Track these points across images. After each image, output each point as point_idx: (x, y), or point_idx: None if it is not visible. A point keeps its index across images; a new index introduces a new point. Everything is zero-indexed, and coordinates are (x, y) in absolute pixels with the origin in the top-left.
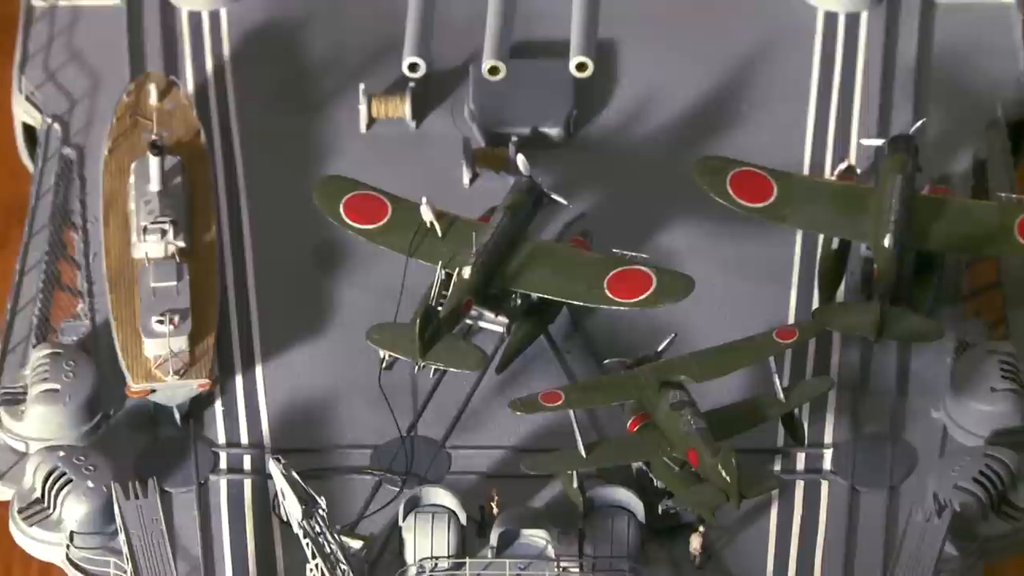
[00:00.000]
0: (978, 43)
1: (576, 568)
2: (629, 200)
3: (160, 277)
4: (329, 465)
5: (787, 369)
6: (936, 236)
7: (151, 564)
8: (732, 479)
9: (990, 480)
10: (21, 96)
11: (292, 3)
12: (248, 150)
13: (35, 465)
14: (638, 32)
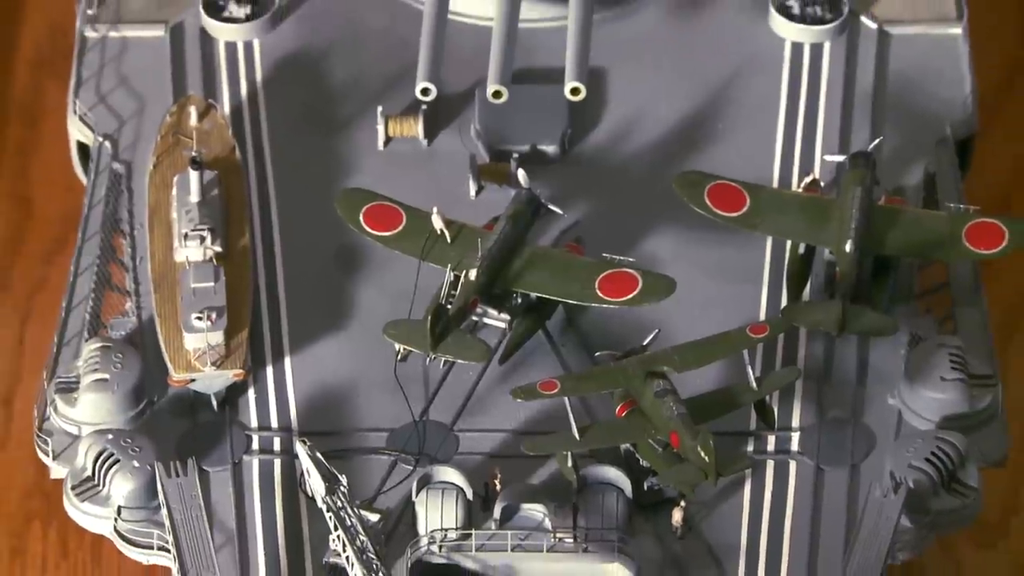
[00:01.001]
0: (929, 70)
1: (570, 539)
2: (618, 210)
3: (199, 278)
4: (350, 446)
5: (759, 361)
6: (892, 242)
7: (190, 536)
8: (710, 459)
9: (941, 460)
10: (76, 117)
11: (317, 34)
12: (278, 165)
13: (86, 447)
14: (626, 60)
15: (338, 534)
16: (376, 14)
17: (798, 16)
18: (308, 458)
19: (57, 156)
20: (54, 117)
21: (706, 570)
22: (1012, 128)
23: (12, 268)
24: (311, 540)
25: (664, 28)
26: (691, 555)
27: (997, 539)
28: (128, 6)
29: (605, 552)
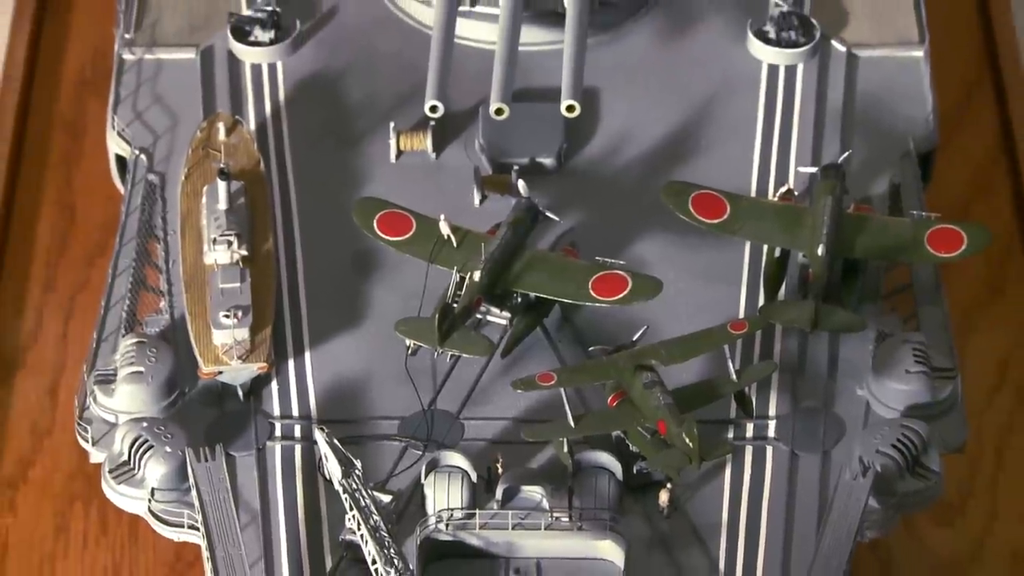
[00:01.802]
0: (893, 89)
1: (566, 518)
2: (609, 217)
3: (226, 280)
4: (364, 433)
5: (738, 355)
6: (860, 246)
7: (218, 515)
8: (694, 445)
9: (905, 446)
10: (114, 132)
11: (335, 57)
12: (299, 176)
13: (123, 434)
14: (617, 81)
15: (353, 514)
16: (388, 39)
17: (774, 40)
18: (326, 444)
19: (98, 168)
20: (95, 132)
21: (690, 547)
22: (969, 143)
23: (57, 270)
24: (329, 519)
25: (652, 52)
26: (677, 533)
27: (955, 518)
28: (162, 31)
29: (598, 530)
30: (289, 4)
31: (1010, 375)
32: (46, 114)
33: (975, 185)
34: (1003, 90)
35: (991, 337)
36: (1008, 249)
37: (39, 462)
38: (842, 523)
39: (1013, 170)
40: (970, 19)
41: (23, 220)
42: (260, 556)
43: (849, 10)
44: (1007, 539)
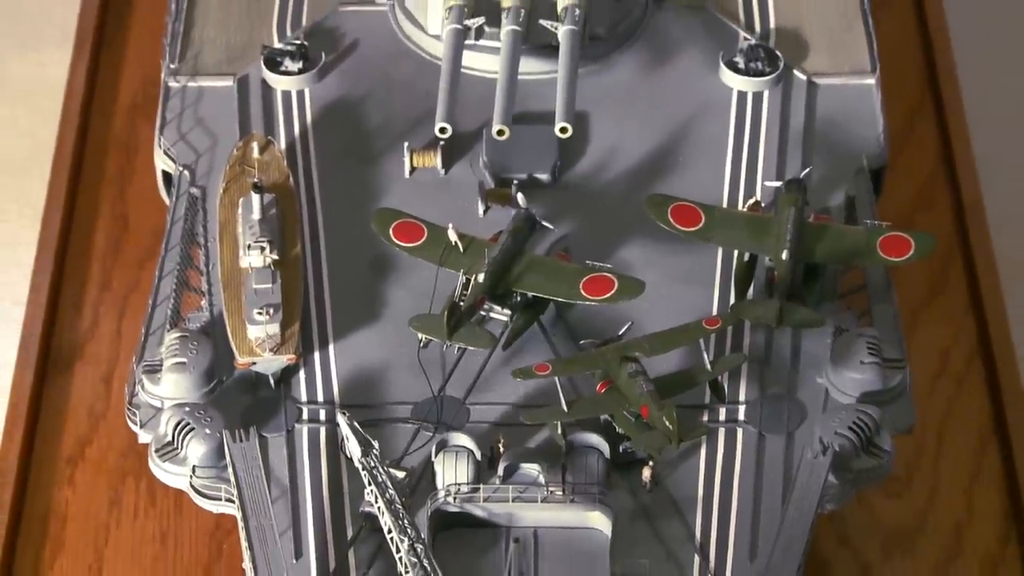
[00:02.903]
0: (848, 113)
1: (560, 491)
2: (598, 226)
3: (260, 281)
4: (381, 417)
5: (712, 347)
6: (819, 251)
7: (251, 489)
8: (673, 427)
9: (860, 428)
10: (161, 151)
11: (356, 85)
12: (324, 190)
13: (167, 417)
14: (604, 106)
15: (371, 488)
16: (403, 69)
17: (743, 70)
18: (347, 426)
19: (147, 183)
20: (145, 152)
21: (670, 518)
22: (914, 161)
23: (112, 273)
24: (350, 493)
25: (635, 80)
26: (658, 505)
27: (903, 491)
28: (203, 62)
29: (588, 502)
30: (315, 38)
31: (950, 365)
32: (102, 136)
33: (919, 198)
34: (943, 114)
35: (934, 332)
36: (949, 254)
37: (95, 442)
38: (804, 497)
39: (952, 185)
40: (915, 52)
41: (82, 229)
42: (289, 526)
43: (809, 43)
44: (948, 511)
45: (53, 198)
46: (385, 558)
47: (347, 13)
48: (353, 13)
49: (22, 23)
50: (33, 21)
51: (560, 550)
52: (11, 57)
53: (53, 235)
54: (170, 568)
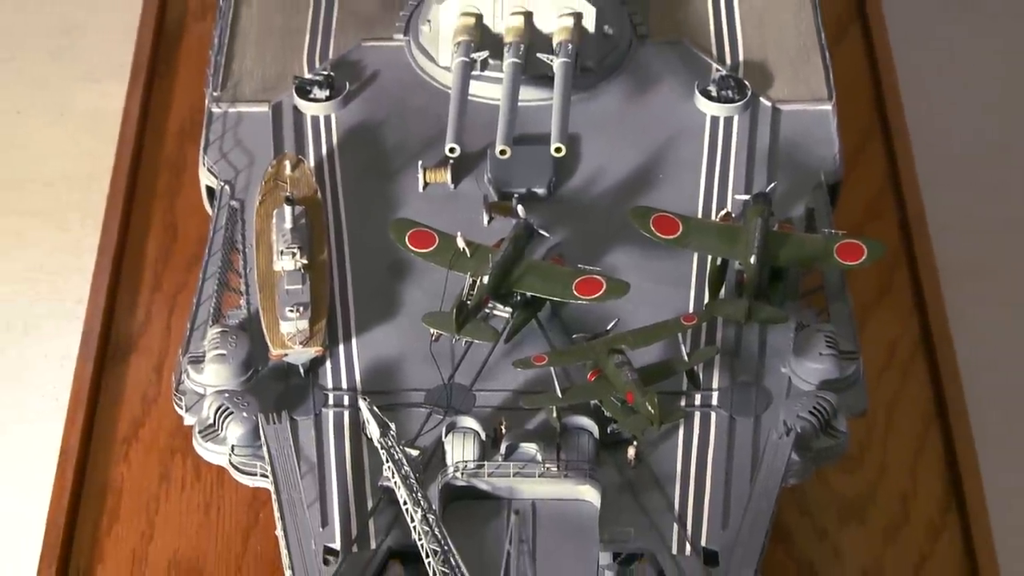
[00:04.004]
0: (808, 135)
1: (555, 468)
2: (589, 234)
3: (291, 282)
4: (397, 402)
5: (688, 341)
6: (783, 256)
7: (283, 466)
8: (654, 411)
9: (820, 412)
10: (205, 168)
11: (376, 111)
12: (348, 202)
13: (209, 403)
14: (594, 130)
15: (389, 465)
16: (417, 96)
17: (715, 97)
18: (367, 410)
19: (193, 197)
20: (191, 169)
21: (652, 491)
22: (865, 177)
23: (162, 276)
24: (370, 469)
25: (621, 107)
26: (641, 480)
27: (856, 467)
28: (242, 90)
29: (580, 477)
30: (341, 70)
31: (897, 357)
32: (154, 156)
33: (870, 210)
34: (890, 137)
35: (883, 327)
36: (895, 259)
37: (147, 423)
38: (770, 472)
39: (898, 199)
40: (865, 82)
41: (136, 238)
42: (316, 498)
43: (773, 74)
44: (895, 484)
45: (111, 210)
46: (400, 526)
47: (369, 48)
48: (374, 48)
49: (85, 59)
50: (94, 57)
51: (555, 520)
52: (75, 89)
53: (111, 243)
54: (213, 534)
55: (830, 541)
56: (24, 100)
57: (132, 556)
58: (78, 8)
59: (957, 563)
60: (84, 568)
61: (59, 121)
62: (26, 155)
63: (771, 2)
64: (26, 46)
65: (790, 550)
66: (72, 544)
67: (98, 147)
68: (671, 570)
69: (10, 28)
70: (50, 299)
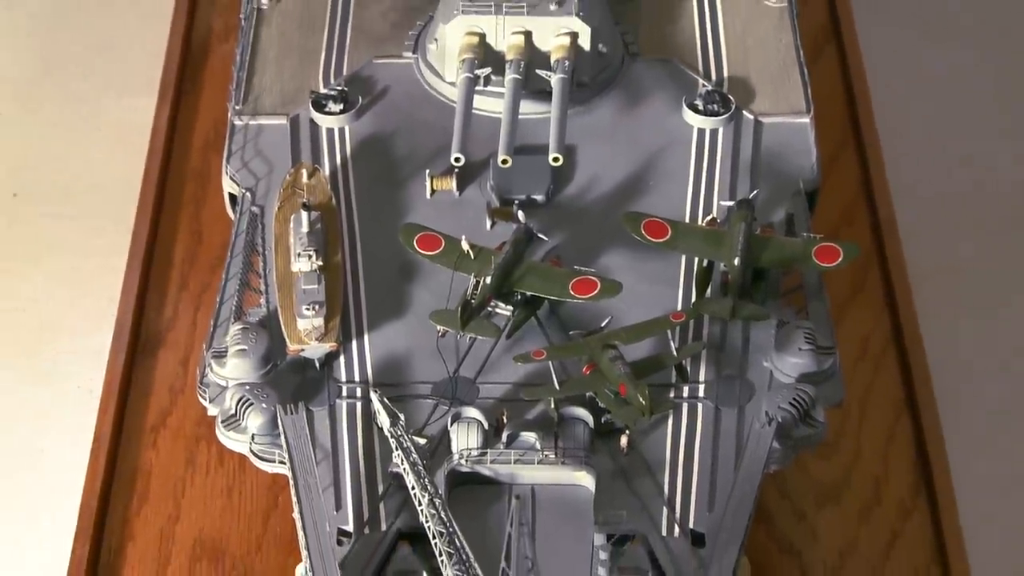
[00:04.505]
0: (788, 146)
1: (552, 455)
2: (584, 238)
3: (307, 283)
4: (406, 394)
5: (677, 337)
6: (765, 258)
7: (300, 454)
8: (645, 402)
9: (799, 403)
10: (227, 177)
11: (387, 123)
12: (360, 208)
13: (231, 394)
14: (589, 141)
15: (398, 453)
16: (425, 110)
17: (702, 111)
18: (378, 401)
19: (217, 204)
20: (215, 178)
21: (643, 477)
22: (840, 185)
23: (188, 276)
24: (380, 456)
25: (614, 120)
26: (633, 467)
27: (832, 453)
28: (262, 104)
29: (576, 464)
30: (354, 85)
31: (870, 351)
32: (181, 166)
33: (844, 216)
34: (863, 148)
35: (856, 324)
36: (868, 261)
37: (174, 412)
38: (753, 460)
39: (871, 205)
40: (840, 96)
41: (164, 242)
42: (331, 483)
43: (755, 89)
44: (868, 469)
45: (141, 216)
46: (409, 510)
47: (380, 64)
48: (385, 64)
49: (118, 77)
50: (126, 75)
51: (553, 503)
52: (108, 104)
53: (141, 246)
54: (235, 516)
55: (808, 522)
56: (62, 115)
57: (160, 535)
58: (111, 30)
59: (926, 541)
60: (115, 547)
61: (94, 134)
62: (64, 165)
63: (753, 23)
64: (64, 65)
65: (771, 531)
66: (104, 524)
67: (129, 158)
68: (661, 550)
69: (49, 48)
70: (85, 297)
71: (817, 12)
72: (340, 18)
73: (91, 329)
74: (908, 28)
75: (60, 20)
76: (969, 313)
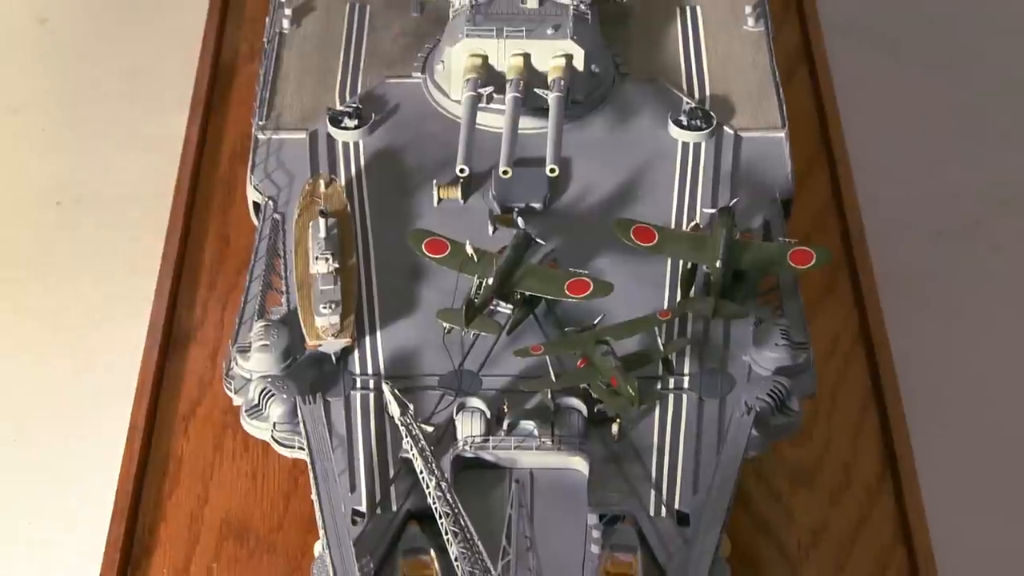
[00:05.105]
0: (765, 158)
1: (549, 442)
2: (578, 242)
3: (324, 283)
4: (415, 385)
5: (664, 333)
6: (744, 261)
7: (317, 440)
8: (635, 393)
9: (776, 394)
10: (252, 187)
11: (397, 137)
12: (373, 215)
13: (255, 386)
14: (583, 153)
15: (407, 439)
16: (432, 125)
17: (686, 126)
18: (389, 392)
19: (243, 211)
20: (240, 187)
21: (632, 462)
22: (811, 195)
23: (217, 278)
24: (391, 443)
25: (605, 134)
26: (623, 452)
27: (805, 440)
28: (283, 120)
29: (571, 449)
30: (367, 103)
31: (840, 347)
32: (210, 176)
33: (815, 223)
34: (833, 161)
35: (827, 322)
36: (837, 264)
37: (203, 403)
38: (733, 446)
39: (840, 213)
40: (812, 114)
41: (195, 246)
42: (345, 467)
43: (735, 106)
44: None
45: (174, 222)
46: (417, 492)
47: (391, 84)
48: (396, 84)
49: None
50: (160, 93)
51: (550, 486)
52: (144, 119)
53: (173, 250)
54: (259, 497)
55: (784, 504)
56: (102, 130)
57: (190, 516)
58: (147, 54)
59: (892, 521)
60: (149, 526)
61: (130, 146)
62: (104, 176)
63: (733, 46)
64: (104, 85)
65: (750, 511)
66: (139, 506)
67: (163, 169)
68: (649, 529)
69: (91, 70)
70: (122, 297)
71: (791, 37)
72: (355, 42)
73: (127, 326)
74: (873, 52)
75: (101, 45)
76: (931, 312)
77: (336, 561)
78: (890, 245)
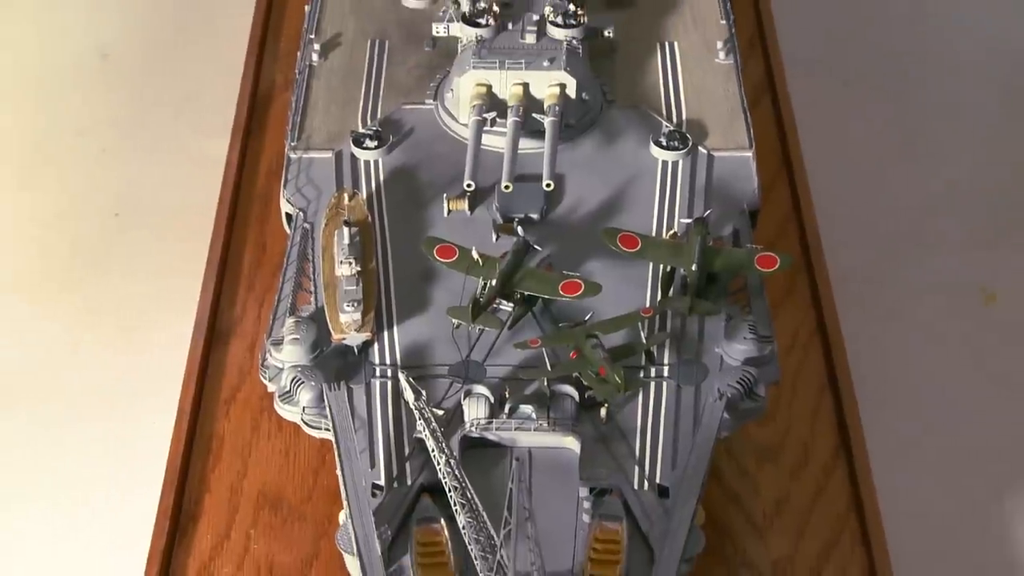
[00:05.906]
0: (735, 175)
1: (546, 424)
2: (571, 249)
3: (348, 284)
4: (427, 374)
5: (646, 328)
6: (717, 265)
7: (342, 422)
8: (621, 381)
9: (744, 382)
10: (284, 200)
11: (412, 156)
12: (391, 225)
13: (286, 375)
14: (575, 171)
15: (421, 422)
16: (443, 146)
17: (665, 147)
18: (404, 380)
19: (277, 222)
20: (276, 201)
21: (619, 442)
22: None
23: (254, 280)
24: (407, 425)
25: (594, 154)
26: (610, 433)
27: (769, 422)
28: (312, 141)
29: (565, 431)
30: (386, 126)
31: (799, 340)
32: (249, 191)
33: (779, 231)
34: (793, 176)
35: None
36: (797, 268)
37: (243, 388)
38: (707, 428)
39: (799, 224)
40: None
41: (235, 252)
42: (366, 446)
43: (708, 129)
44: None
45: (217, 231)
46: (429, 468)
47: (407, 110)
48: (411, 110)
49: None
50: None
51: (546, 463)
52: (191, 141)
53: (216, 255)
54: (291, 472)
55: (750, 478)
56: (155, 150)
57: (231, 489)
58: (194, 82)
59: (845, 493)
60: (195, 498)
61: (180, 165)
62: (156, 191)
63: (707, 76)
64: (157, 110)
65: (721, 485)
66: (186, 480)
67: (208, 184)
68: (634, 501)
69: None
70: (171, 297)
71: (756, 70)
72: (375, 73)
73: (176, 322)
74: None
75: (155, 76)
76: (878, 310)
77: (358, 528)
78: (843, 251)
